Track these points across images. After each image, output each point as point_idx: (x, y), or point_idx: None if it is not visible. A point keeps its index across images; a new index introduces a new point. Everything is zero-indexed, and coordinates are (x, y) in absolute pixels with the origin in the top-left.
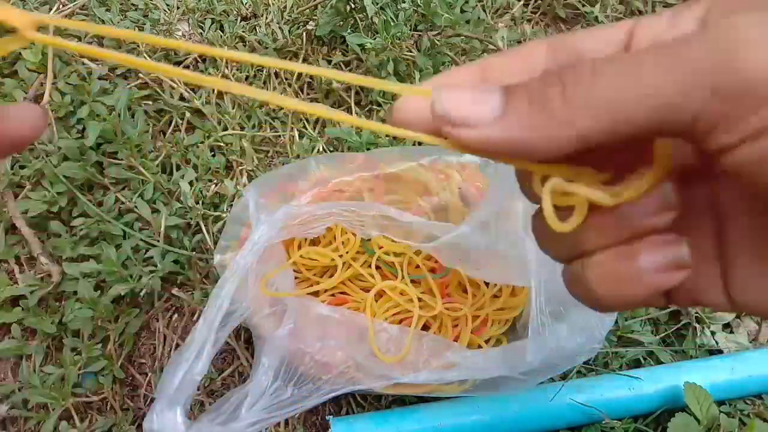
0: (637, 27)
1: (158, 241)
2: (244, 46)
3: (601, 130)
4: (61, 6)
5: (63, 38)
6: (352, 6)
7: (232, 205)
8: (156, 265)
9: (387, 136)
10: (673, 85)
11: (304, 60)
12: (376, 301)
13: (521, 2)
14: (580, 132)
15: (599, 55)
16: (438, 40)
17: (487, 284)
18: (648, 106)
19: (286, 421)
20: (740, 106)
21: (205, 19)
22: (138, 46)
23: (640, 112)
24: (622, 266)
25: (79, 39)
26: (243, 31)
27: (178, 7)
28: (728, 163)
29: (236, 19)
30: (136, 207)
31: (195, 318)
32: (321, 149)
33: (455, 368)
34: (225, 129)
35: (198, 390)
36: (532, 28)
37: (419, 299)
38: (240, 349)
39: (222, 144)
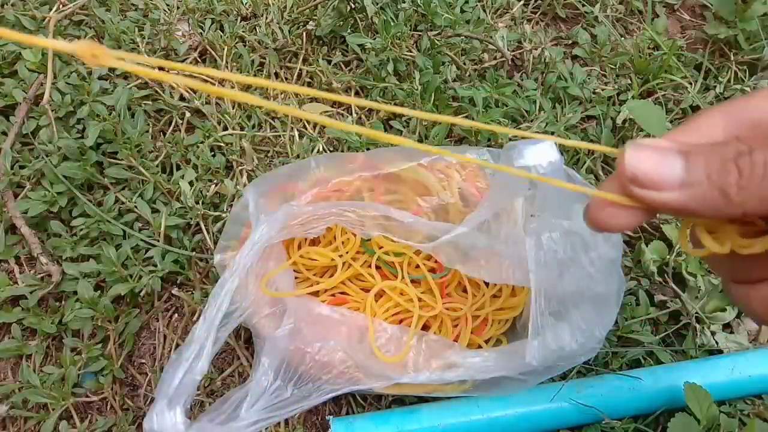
0: None
1: (158, 241)
2: (244, 46)
3: (763, 213)
4: (61, 6)
5: (63, 38)
6: (352, 6)
7: (232, 205)
8: (156, 265)
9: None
10: None
11: (304, 60)
12: (376, 301)
13: (521, 2)
14: (747, 212)
15: None
16: (438, 40)
17: (487, 284)
18: None
19: (286, 421)
20: None
21: (205, 19)
22: (138, 45)
23: None
24: None
25: (79, 39)
26: (243, 31)
27: (178, 7)
28: None
29: (236, 19)
30: (136, 207)
31: (195, 318)
32: (321, 149)
33: (455, 368)
34: (225, 129)
35: (198, 390)
36: (532, 28)
37: (419, 299)
38: (240, 349)
39: (222, 144)
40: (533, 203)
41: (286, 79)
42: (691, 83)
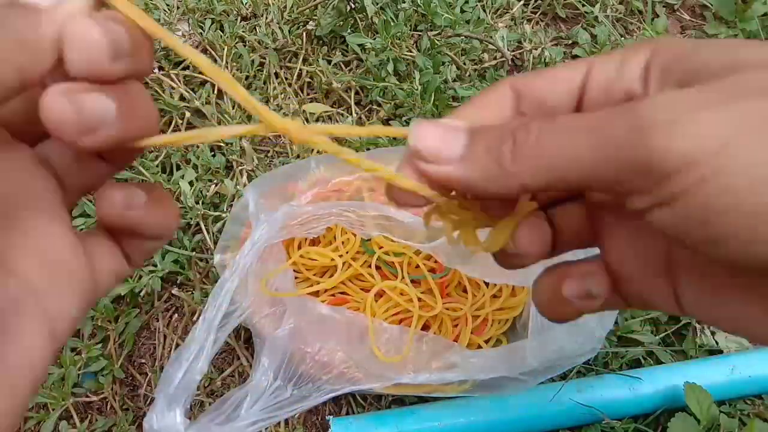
0: (592, 70)
1: None
2: (244, 46)
3: (539, 185)
4: None
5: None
6: (352, 6)
7: (232, 205)
8: (156, 265)
9: (387, 137)
10: (597, 157)
11: (304, 60)
12: (376, 301)
13: (521, 2)
14: (523, 184)
15: (560, 102)
16: (438, 40)
17: (486, 284)
18: (577, 171)
19: (286, 421)
20: (648, 179)
21: (205, 19)
22: None
23: (572, 174)
24: (555, 294)
25: None
26: (243, 31)
27: (178, 7)
28: (650, 221)
29: (236, 19)
30: None
31: (195, 318)
32: (321, 149)
33: (455, 369)
34: None
35: (198, 390)
36: (532, 28)
37: (419, 299)
38: (240, 349)
39: (222, 144)
40: None
41: (286, 79)
42: None
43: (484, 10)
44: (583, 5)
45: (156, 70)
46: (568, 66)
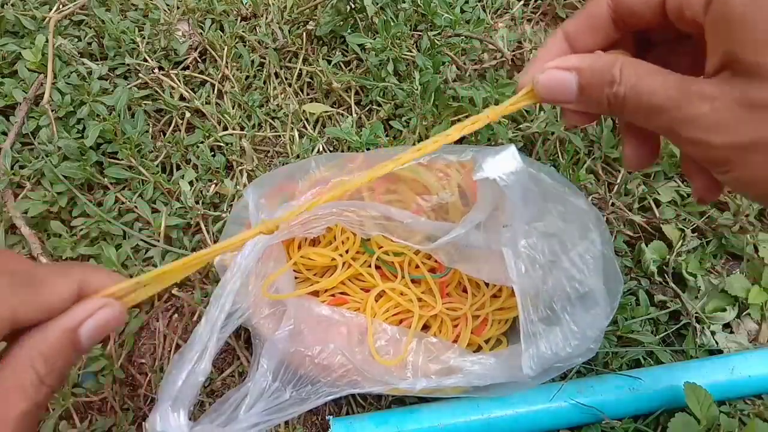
0: None
1: (158, 241)
2: (244, 46)
3: (636, 110)
4: (61, 6)
5: (63, 38)
6: (352, 6)
7: (232, 205)
8: (156, 265)
9: (387, 136)
10: (651, 123)
11: (304, 60)
12: (376, 301)
13: (521, 2)
14: (623, 114)
15: (645, 7)
16: (438, 40)
17: (486, 284)
18: (645, 124)
19: (286, 421)
20: (678, 142)
21: (205, 19)
22: (138, 46)
23: (643, 124)
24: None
25: (79, 39)
26: (243, 31)
27: (178, 7)
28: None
29: (236, 19)
30: (136, 207)
31: (195, 318)
32: (321, 149)
33: (454, 375)
34: (225, 129)
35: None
36: (532, 28)
37: (419, 299)
38: (240, 349)
39: (222, 144)
40: (504, 213)
41: (286, 79)
42: None
43: (484, 10)
44: (583, 5)
45: (156, 70)
46: None
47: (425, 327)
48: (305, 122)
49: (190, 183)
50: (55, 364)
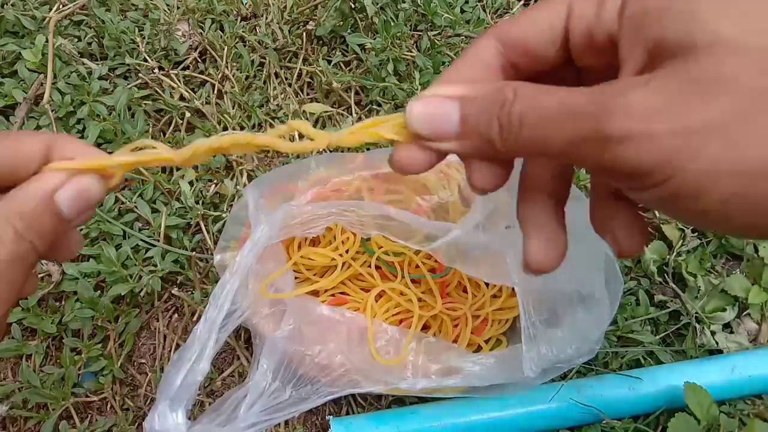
0: (572, 14)
1: (158, 241)
2: (244, 46)
3: (528, 156)
4: (61, 6)
5: (63, 38)
6: (352, 6)
7: (232, 205)
8: (156, 265)
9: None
10: (569, 152)
11: (304, 60)
12: (376, 301)
13: (521, 2)
14: (514, 156)
15: (545, 49)
16: (438, 40)
17: (486, 284)
18: (555, 154)
19: (286, 421)
20: (607, 155)
21: (205, 19)
22: (138, 46)
23: (549, 151)
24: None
25: (79, 39)
26: (243, 31)
27: (178, 7)
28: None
29: (236, 19)
30: (136, 207)
31: (195, 318)
32: (321, 149)
33: (455, 375)
34: (225, 129)
35: (198, 390)
36: None
37: (419, 299)
38: (240, 349)
39: None
40: (504, 213)
41: (286, 79)
42: None
43: (484, 10)
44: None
45: (156, 70)
46: (546, 7)
47: (425, 327)
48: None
49: (190, 183)
50: (33, 222)
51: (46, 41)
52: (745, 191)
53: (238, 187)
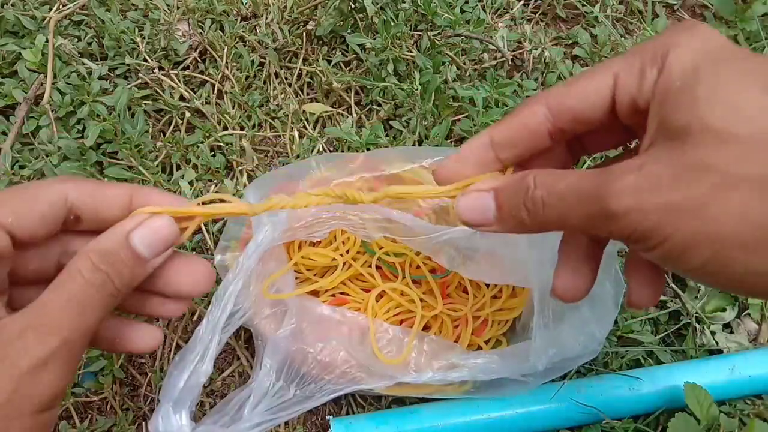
0: (618, 84)
1: None
2: (244, 46)
3: (555, 229)
4: (61, 6)
5: (63, 38)
6: (352, 6)
7: None
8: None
9: (387, 136)
10: (586, 226)
11: (304, 60)
12: (377, 301)
13: (521, 2)
14: (545, 230)
15: (593, 116)
16: (438, 40)
17: (487, 285)
18: (575, 227)
19: (286, 421)
20: (612, 227)
21: (205, 19)
22: (138, 46)
23: (569, 226)
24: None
25: (79, 39)
26: (243, 31)
27: (178, 7)
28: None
29: (236, 19)
30: None
31: (195, 318)
32: (321, 149)
33: (458, 369)
34: (225, 129)
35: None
36: (532, 28)
37: (420, 300)
38: (240, 349)
39: (222, 144)
40: None
41: (286, 79)
42: None
43: (484, 10)
44: (583, 5)
45: (156, 70)
46: (594, 77)
47: (425, 328)
48: (305, 122)
49: (190, 183)
50: (109, 256)
51: (46, 41)
52: (718, 256)
53: (238, 187)
